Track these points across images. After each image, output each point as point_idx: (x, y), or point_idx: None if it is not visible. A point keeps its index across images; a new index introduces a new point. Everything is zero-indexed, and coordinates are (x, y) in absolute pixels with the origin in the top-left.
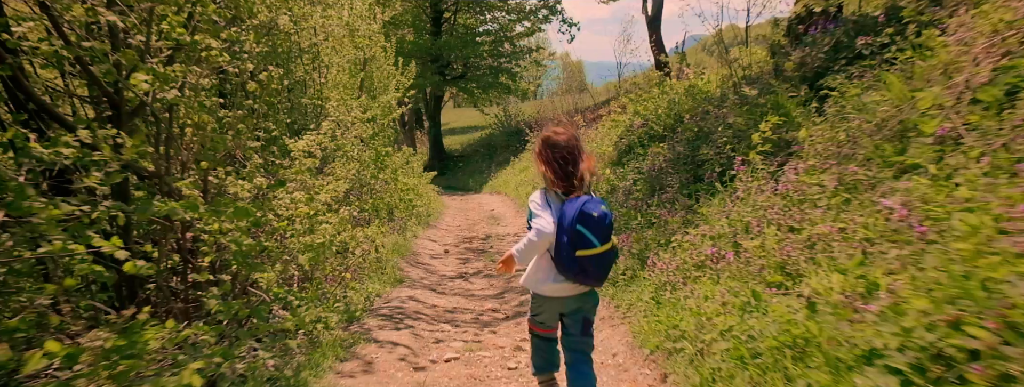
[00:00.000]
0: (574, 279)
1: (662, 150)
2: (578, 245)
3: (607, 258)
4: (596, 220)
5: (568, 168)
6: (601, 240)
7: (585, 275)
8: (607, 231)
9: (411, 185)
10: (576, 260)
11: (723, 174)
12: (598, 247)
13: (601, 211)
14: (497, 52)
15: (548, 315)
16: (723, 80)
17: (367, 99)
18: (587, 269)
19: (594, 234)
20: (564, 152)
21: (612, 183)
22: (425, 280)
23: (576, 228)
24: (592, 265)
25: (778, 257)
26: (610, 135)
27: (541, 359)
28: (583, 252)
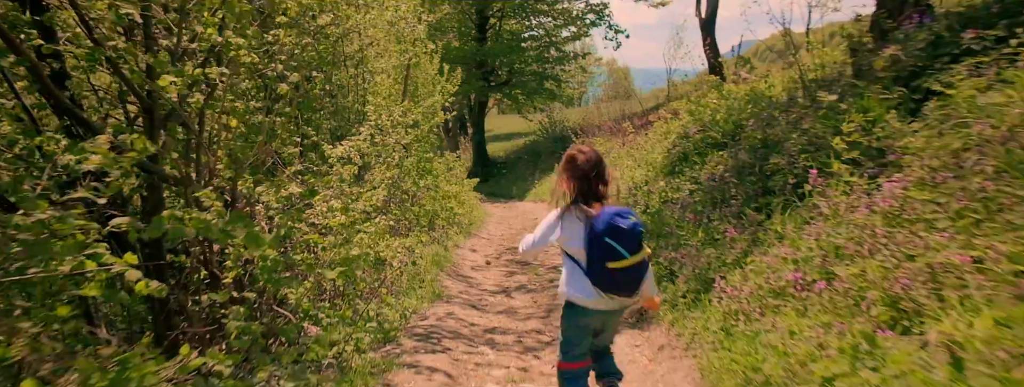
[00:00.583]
0: (609, 291)
1: (723, 159)
2: (608, 257)
3: (639, 270)
4: (626, 232)
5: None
6: (630, 251)
7: (618, 287)
8: (636, 242)
9: (453, 193)
10: (608, 272)
11: (798, 186)
12: (628, 259)
13: (629, 223)
14: (542, 58)
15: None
16: (788, 83)
17: (410, 104)
18: (619, 281)
19: (623, 246)
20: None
21: (665, 194)
22: (465, 295)
23: (605, 240)
24: (623, 277)
25: (888, 290)
26: (662, 142)
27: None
28: (613, 264)
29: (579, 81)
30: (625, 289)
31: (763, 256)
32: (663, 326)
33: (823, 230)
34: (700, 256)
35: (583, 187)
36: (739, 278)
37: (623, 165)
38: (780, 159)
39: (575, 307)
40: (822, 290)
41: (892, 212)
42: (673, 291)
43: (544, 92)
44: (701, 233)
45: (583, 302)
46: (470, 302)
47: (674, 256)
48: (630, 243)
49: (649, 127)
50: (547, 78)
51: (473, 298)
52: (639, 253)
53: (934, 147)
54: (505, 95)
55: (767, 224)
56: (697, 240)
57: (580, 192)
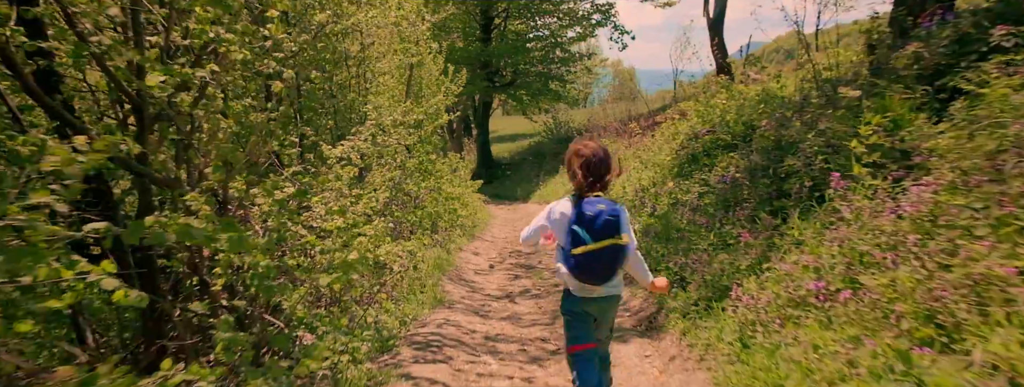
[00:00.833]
0: (577, 278)
1: (734, 160)
2: (574, 243)
3: (604, 255)
4: (588, 218)
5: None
6: (593, 237)
7: (584, 273)
8: (602, 229)
9: (456, 194)
10: (573, 258)
11: (815, 189)
12: (589, 244)
13: (596, 210)
14: (547, 58)
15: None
16: (801, 83)
17: (412, 104)
18: (583, 267)
19: (586, 231)
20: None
21: (675, 196)
22: (467, 300)
23: (572, 227)
24: (587, 262)
25: (924, 303)
26: (670, 144)
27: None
28: (577, 249)
29: (584, 82)
30: (590, 275)
31: (780, 263)
32: (674, 335)
33: (845, 236)
34: (712, 261)
35: (584, 180)
36: (755, 286)
37: (630, 166)
38: (795, 161)
39: (569, 293)
40: (847, 301)
41: (922, 218)
42: (684, 298)
43: (549, 93)
44: (713, 237)
45: (568, 287)
46: (472, 308)
47: (684, 261)
48: (595, 229)
49: (656, 128)
50: (552, 79)
51: (475, 304)
52: (606, 240)
53: (966, 149)
54: (510, 96)
55: (783, 229)
56: (708, 244)
57: (582, 185)
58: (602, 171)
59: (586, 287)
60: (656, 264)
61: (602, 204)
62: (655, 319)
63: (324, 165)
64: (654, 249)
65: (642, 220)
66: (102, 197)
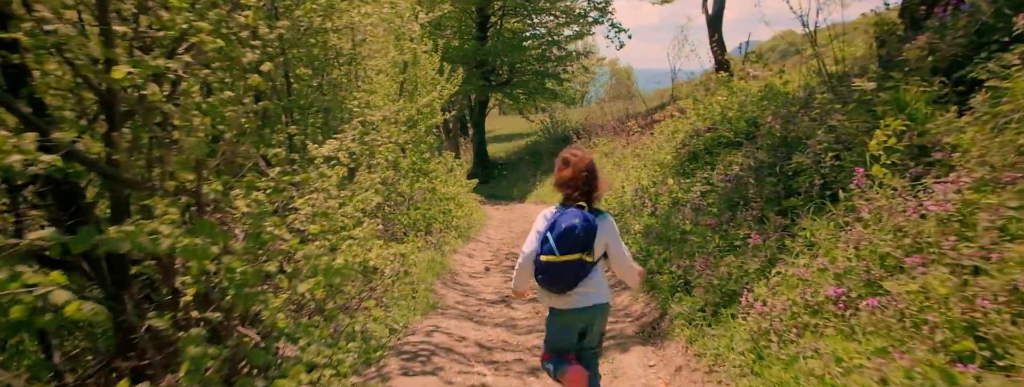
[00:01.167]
0: (540, 283)
1: (738, 158)
2: (543, 251)
3: (565, 270)
4: (564, 230)
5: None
6: (561, 250)
7: (546, 280)
8: (573, 243)
9: (451, 194)
10: (539, 263)
11: (826, 188)
12: (556, 256)
13: (571, 223)
14: (544, 57)
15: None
16: (806, 78)
17: (406, 102)
18: (546, 274)
19: (556, 242)
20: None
21: (676, 196)
22: (461, 305)
23: (546, 234)
24: (549, 272)
25: (961, 312)
26: (669, 142)
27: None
28: (544, 257)
29: (581, 81)
30: (551, 283)
31: (793, 266)
32: (679, 343)
33: (864, 237)
34: (719, 264)
35: (569, 191)
36: (767, 291)
37: (628, 166)
38: (804, 158)
39: (551, 310)
40: (873, 309)
41: (949, 218)
42: (690, 304)
43: (545, 92)
44: (718, 238)
45: (548, 302)
46: (466, 313)
47: (688, 264)
48: (566, 242)
49: (654, 127)
50: (548, 77)
51: (470, 309)
52: (572, 255)
53: (993, 144)
54: (506, 95)
55: (793, 229)
56: (714, 246)
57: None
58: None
59: (552, 295)
60: (658, 267)
61: (578, 217)
62: (658, 325)
63: (311, 165)
64: (655, 251)
65: (642, 220)
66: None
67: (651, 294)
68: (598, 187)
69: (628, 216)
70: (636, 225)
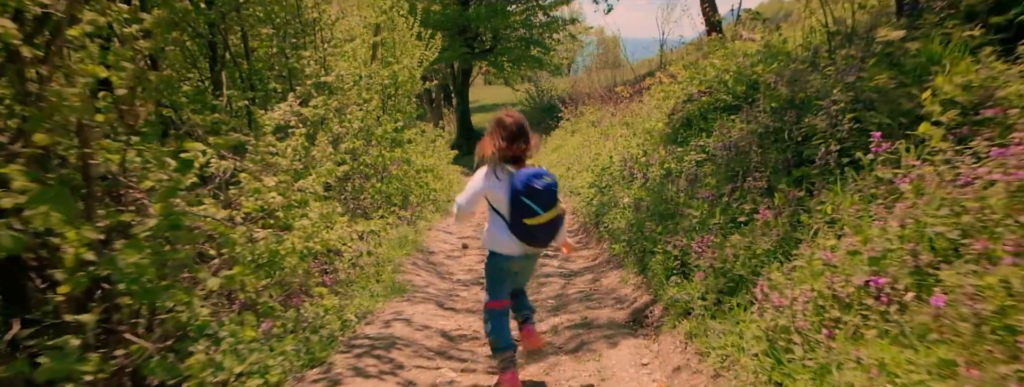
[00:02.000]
0: (527, 243)
1: (736, 124)
2: (524, 214)
3: (553, 225)
4: (541, 192)
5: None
6: (544, 208)
7: (534, 240)
8: (551, 200)
9: (429, 166)
10: (525, 227)
11: (844, 154)
12: (542, 215)
13: (544, 183)
14: (529, 23)
15: (503, 278)
16: (809, 36)
17: (378, 66)
18: (535, 235)
19: (538, 204)
20: (514, 130)
21: (668, 166)
22: (431, 288)
23: (521, 200)
24: (540, 231)
25: None
26: (662, 108)
27: (498, 328)
28: (530, 220)
29: (568, 48)
30: (540, 241)
31: (816, 248)
32: (676, 337)
33: (906, 213)
34: (723, 245)
35: (507, 150)
36: (782, 278)
37: (616, 135)
38: (817, 120)
39: (497, 255)
40: (932, 309)
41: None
42: (688, 290)
43: (531, 59)
44: (718, 214)
45: (502, 250)
46: (436, 298)
47: (685, 242)
48: (545, 201)
49: (643, 94)
50: (534, 44)
51: (441, 292)
52: (553, 210)
53: None
54: (490, 63)
55: (810, 203)
56: (714, 223)
57: (504, 154)
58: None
59: (522, 247)
60: (652, 245)
61: (543, 176)
62: (650, 313)
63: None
64: (647, 227)
65: (632, 193)
66: None
67: (642, 275)
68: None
69: (617, 188)
70: (625, 197)
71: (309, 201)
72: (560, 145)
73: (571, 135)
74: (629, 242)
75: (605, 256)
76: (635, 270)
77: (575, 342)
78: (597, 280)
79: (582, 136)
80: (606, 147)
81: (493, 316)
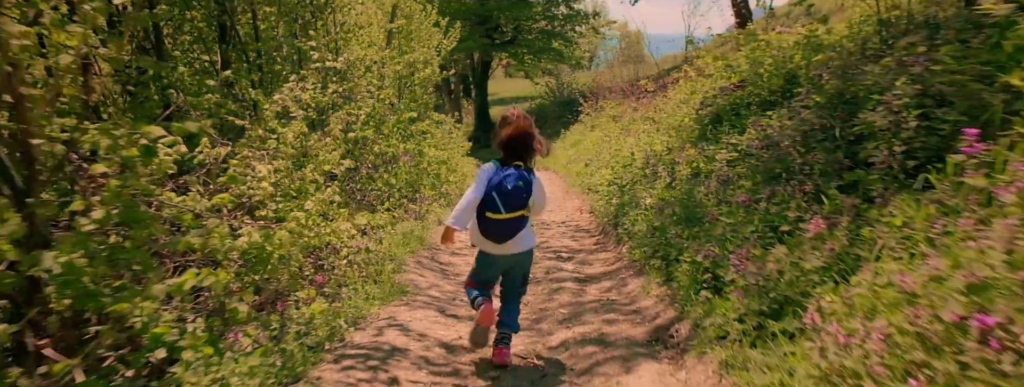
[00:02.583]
0: (485, 236)
1: (777, 119)
2: (488, 208)
3: (508, 225)
4: (510, 191)
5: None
6: (507, 209)
7: (493, 235)
8: (516, 203)
9: (443, 158)
10: (486, 219)
11: (911, 156)
12: (502, 214)
13: (514, 185)
14: (551, 14)
15: (490, 273)
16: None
17: (393, 52)
18: (492, 229)
19: (502, 202)
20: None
21: (696, 165)
22: (434, 290)
23: (491, 194)
24: (496, 227)
25: None
26: (689, 102)
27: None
28: (491, 215)
29: (589, 41)
30: (497, 237)
31: (884, 270)
32: (707, 365)
33: (1016, 233)
34: (764, 259)
35: (507, 149)
36: (840, 304)
37: (638, 130)
38: (876, 117)
39: (481, 251)
40: None
41: None
42: (722, 309)
43: (551, 52)
44: (757, 221)
45: (481, 247)
46: (438, 302)
47: (718, 253)
48: (508, 202)
49: (667, 89)
50: (555, 37)
51: (444, 295)
52: (515, 212)
53: None
54: (510, 54)
55: (871, 213)
56: (752, 231)
57: (506, 153)
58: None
59: (491, 244)
60: (678, 252)
61: (520, 180)
62: (675, 331)
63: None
64: (671, 232)
65: (655, 193)
66: None
67: (665, 286)
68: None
69: (638, 188)
70: (647, 198)
71: (308, 191)
72: (579, 140)
73: (591, 130)
74: (652, 247)
75: (624, 261)
76: (658, 279)
77: (587, 363)
78: (615, 287)
79: (602, 131)
80: (627, 143)
81: (470, 289)
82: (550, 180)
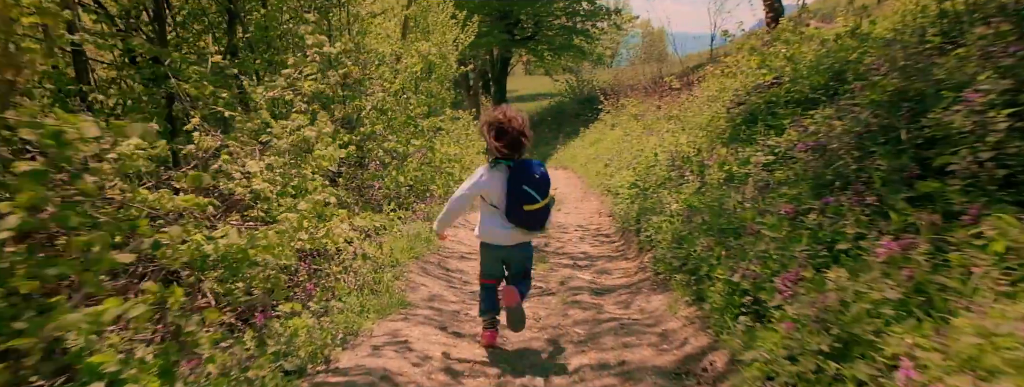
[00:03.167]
0: (523, 227)
1: (818, 119)
2: (524, 201)
3: (542, 212)
4: (538, 180)
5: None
6: (541, 196)
7: (530, 224)
8: (544, 189)
9: (456, 156)
10: (523, 213)
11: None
12: (539, 202)
13: (541, 172)
14: (572, 10)
15: (492, 264)
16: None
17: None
18: (531, 220)
19: (536, 190)
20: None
21: (729, 169)
22: (437, 302)
23: (522, 188)
24: (533, 217)
25: None
26: (719, 100)
27: (486, 303)
28: (529, 207)
29: (611, 38)
30: (536, 225)
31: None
32: None
33: None
34: (822, 285)
35: (506, 143)
36: (931, 349)
37: (662, 129)
38: (954, 116)
39: (488, 246)
40: None
41: None
42: (767, 343)
43: (572, 49)
44: (806, 237)
45: (492, 241)
46: (441, 317)
47: (758, 272)
48: (541, 190)
49: (693, 87)
50: (577, 33)
51: (448, 308)
52: (545, 199)
53: None
54: (530, 51)
55: (957, 233)
56: (801, 249)
57: (504, 148)
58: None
59: (514, 234)
60: (709, 268)
61: (541, 166)
62: (709, 364)
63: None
64: (701, 243)
65: (682, 198)
66: None
67: (696, 306)
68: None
69: (663, 191)
70: (673, 203)
71: (307, 190)
72: (598, 139)
73: (611, 129)
74: (678, 259)
75: (647, 273)
76: (686, 297)
77: None
78: (637, 303)
79: (623, 130)
80: (650, 143)
81: (486, 289)
82: (568, 180)
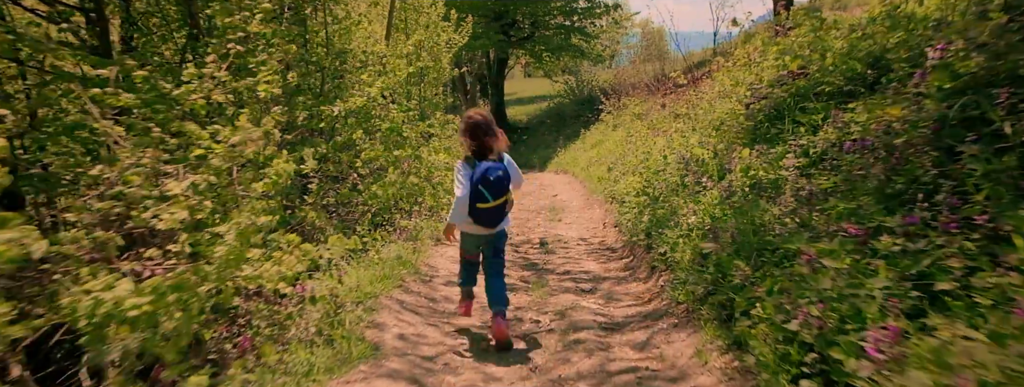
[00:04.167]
0: (478, 223)
1: (861, 115)
2: (477, 200)
3: (499, 209)
4: (493, 182)
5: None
6: (494, 196)
7: (482, 222)
8: (500, 190)
9: (446, 164)
10: (476, 210)
11: None
12: (491, 202)
13: (497, 175)
14: (569, 9)
15: (471, 245)
16: None
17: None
18: (482, 217)
19: (489, 192)
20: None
21: (754, 172)
22: (412, 349)
23: (478, 187)
24: (486, 215)
25: None
26: (733, 94)
27: (466, 275)
28: (481, 205)
29: (611, 37)
30: (487, 223)
31: None
32: None
33: None
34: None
35: (475, 144)
36: None
37: (669, 129)
38: None
39: (462, 232)
40: None
41: None
42: None
43: (571, 48)
44: (884, 271)
45: (463, 229)
46: (415, 369)
47: (824, 321)
48: (494, 191)
49: (698, 83)
50: (574, 32)
51: (427, 355)
52: (501, 198)
53: None
54: (527, 51)
55: None
56: (884, 289)
57: (474, 148)
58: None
59: (480, 229)
60: (747, 303)
61: (500, 170)
62: None
63: None
64: (734, 268)
65: (700, 209)
66: None
67: (731, 355)
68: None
69: (676, 200)
70: (690, 216)
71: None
72: (600, 141)
73: (613, 130)
74: (702, 286)
75: (665, 301)
76: (717, 338)
77: None
78: (655, 345)
79: (626, 131)
80: (657, 144)
81: (467, 265)
82: (569, 185)
